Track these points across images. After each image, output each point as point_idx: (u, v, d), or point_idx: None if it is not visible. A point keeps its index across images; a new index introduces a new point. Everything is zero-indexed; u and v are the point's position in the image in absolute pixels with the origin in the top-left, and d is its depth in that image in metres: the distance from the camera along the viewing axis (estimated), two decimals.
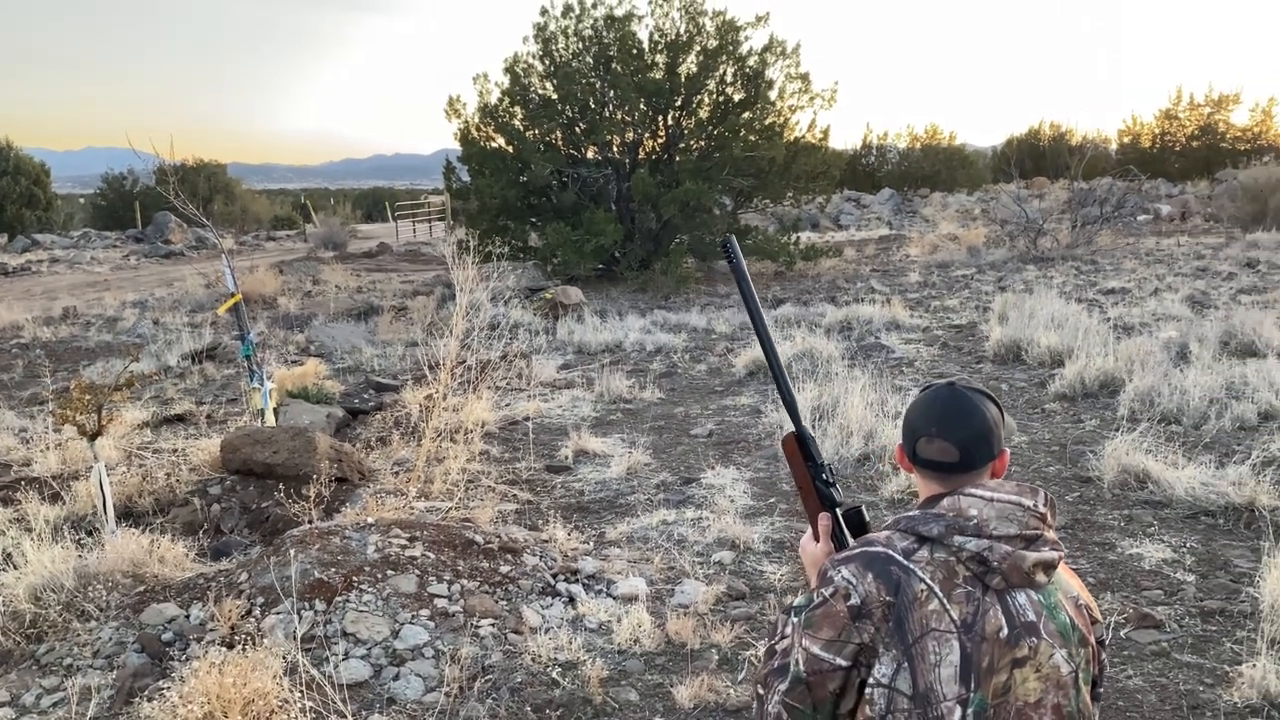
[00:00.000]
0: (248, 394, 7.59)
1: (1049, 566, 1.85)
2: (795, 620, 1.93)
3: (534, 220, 16.52)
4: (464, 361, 7.61)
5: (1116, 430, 6.41)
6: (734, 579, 4.68)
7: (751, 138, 15.99)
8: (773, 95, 16.03)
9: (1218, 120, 37.80)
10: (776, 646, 2.00)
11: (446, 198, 29.53)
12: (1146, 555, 4.75)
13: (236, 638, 3.96)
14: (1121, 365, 7.67)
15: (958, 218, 27.45)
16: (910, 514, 1.92)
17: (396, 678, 3.81)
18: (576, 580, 4.62)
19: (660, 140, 16.64)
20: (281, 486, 5.75)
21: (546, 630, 4.14)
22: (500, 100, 16.50)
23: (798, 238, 16.78)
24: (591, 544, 5.17)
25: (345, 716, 3.45)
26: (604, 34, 16.26)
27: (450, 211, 30.75)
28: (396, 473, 6.32)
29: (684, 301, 13.92)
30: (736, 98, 16.20)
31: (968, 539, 1.80)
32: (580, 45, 16.42)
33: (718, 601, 4.43)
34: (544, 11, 16.56)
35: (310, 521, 5.03)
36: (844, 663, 1.81)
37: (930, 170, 41.21)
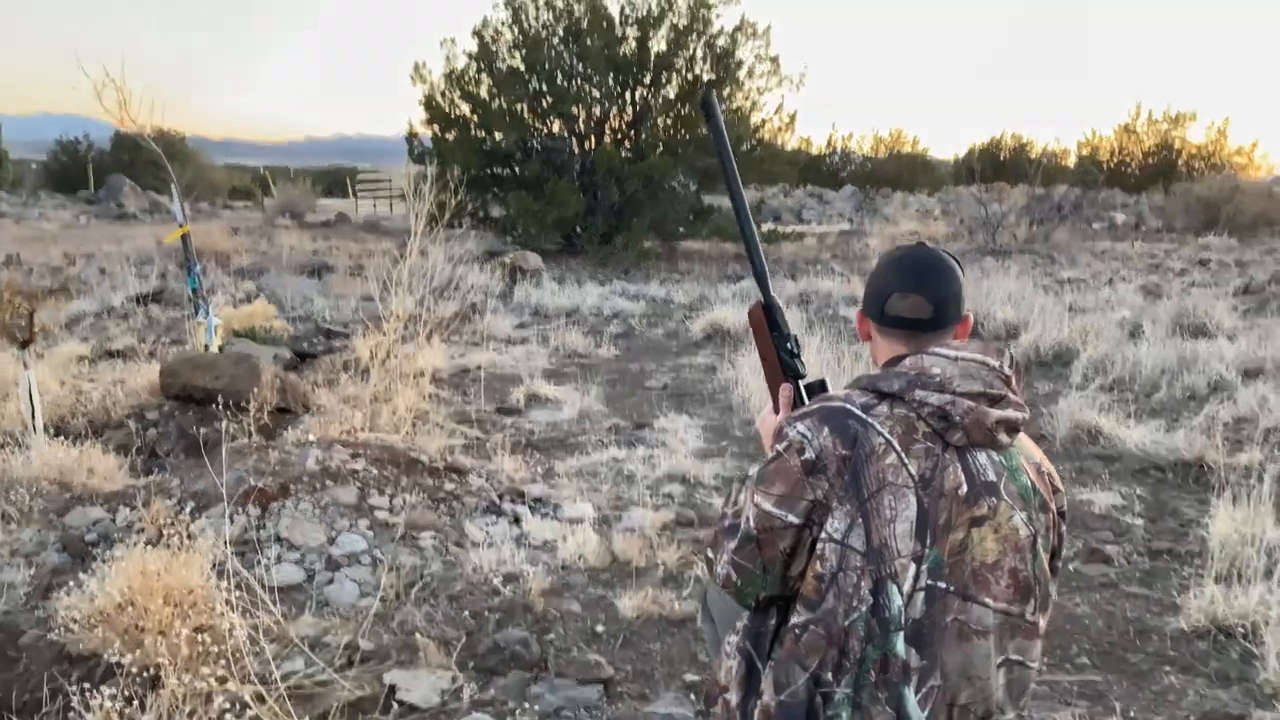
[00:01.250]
0: (193, 328, 7.37)
1: (1012, 426, 1.78)
2: (750, 481, 1.85)
3: (496, 190, 16.32)
4: (418, 315, 7.46)
5: (1069, 395, 6.42)
6: (683, 509, 4.60)
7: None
8: (742, 75, 16.01)
9: (1174, 137, 38.45)
10: (728, 510, 1.91)
11: (408, 172, 29.09)
12: (1096, 501, 4.75)
13: (164, 539, 3.79)
14: (1076, 337, 7.71)
15: (918, 216, 27.62)
16: (870, 373, 1.85)
17: (330, 582, 3.68)
18: (523, 502, 4.50)
19: (628, 117, 16.53)
20: (222, 411, 5.56)
21: (489, 545, 4.02)
22: (467, 66, 16.29)
23: (759, 220, 16.79)
24: (539, 475, 5.06)
25: (274, 614, 3.31)
26: (575, 5, 16.11)
27: (414, 188, 30.26)
28: (342, 409, 6.15)
29: (644, 276, 13.82)
30: (706, 77, 16.14)
31: (929, 393, 1.73)
32: (550, 16, 16.26)
33: (665, 527, 4.34)
34: None
35: (250, 438, 4.87)
36: (796, 520, 1.73)
37: (893, 173, 41.53)
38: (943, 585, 1.70)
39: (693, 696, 3.04)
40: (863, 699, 1.72)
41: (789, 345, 2.09)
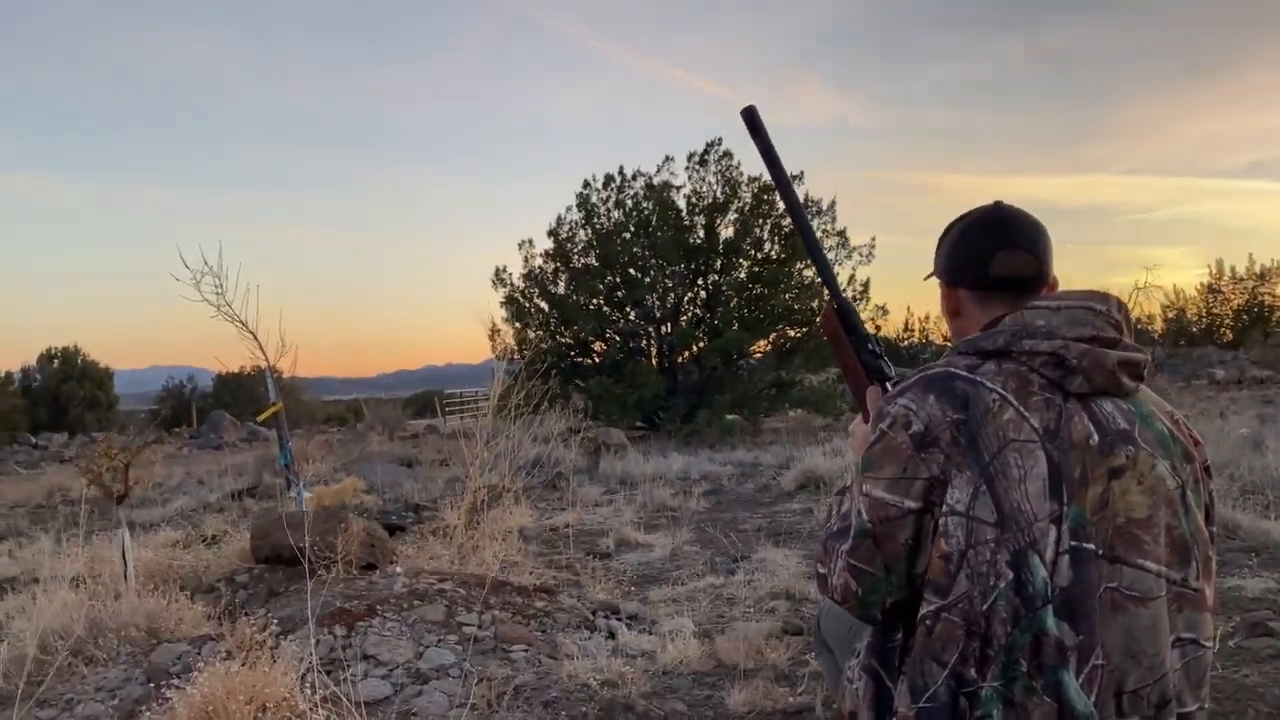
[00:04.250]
0: (284, 501, 7.42)
1: (1134, 367, 1.62)
2: (854, 475, 1.69)
3: (578, 381, 16.56)
4: (505, 487, 7.43)
5: None
6: (791, 619, 4.29)
7: (789, 295, 16.14)
8: None
9: (1263, 293, 37.55)
10: (834, 518, 1.75)
11: (494, 391, 29.75)
12: (1248, 586, 4.31)
13: (248, 656, 3.65)
14: None
15: None
16: (967, 338, 1.72)
17: (419, 694, 3.46)
18: (618, 618, 4.26)
19: (702, 298, 16.86)
20: (311, 565, 5.47)
21: (585, 656, 3.77)
22: (544, 264, 16.96)
23: (844, 389, 16.63)
24: (633, 596, 4.81)
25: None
26: (643, 203, 16.82)
27: (497, 406, 30.86)
28: (430, 556, 6.02)
29: (729, 447, 13.66)
30: (775, 254, 16.49)
31: (1038, 341, 1.59)
32: (621, 214, 16.97)
33: (771, 635, 4.03)
34: (586, 184, 17.25)
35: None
36: (913, 504, 1.55)
37: None
38: (1090, 547, 1.49)
39: None
40: (1015, 692, 1.48)
41: (870, 346, 1.95)
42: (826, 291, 2.02)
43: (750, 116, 1.94)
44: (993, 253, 1.72)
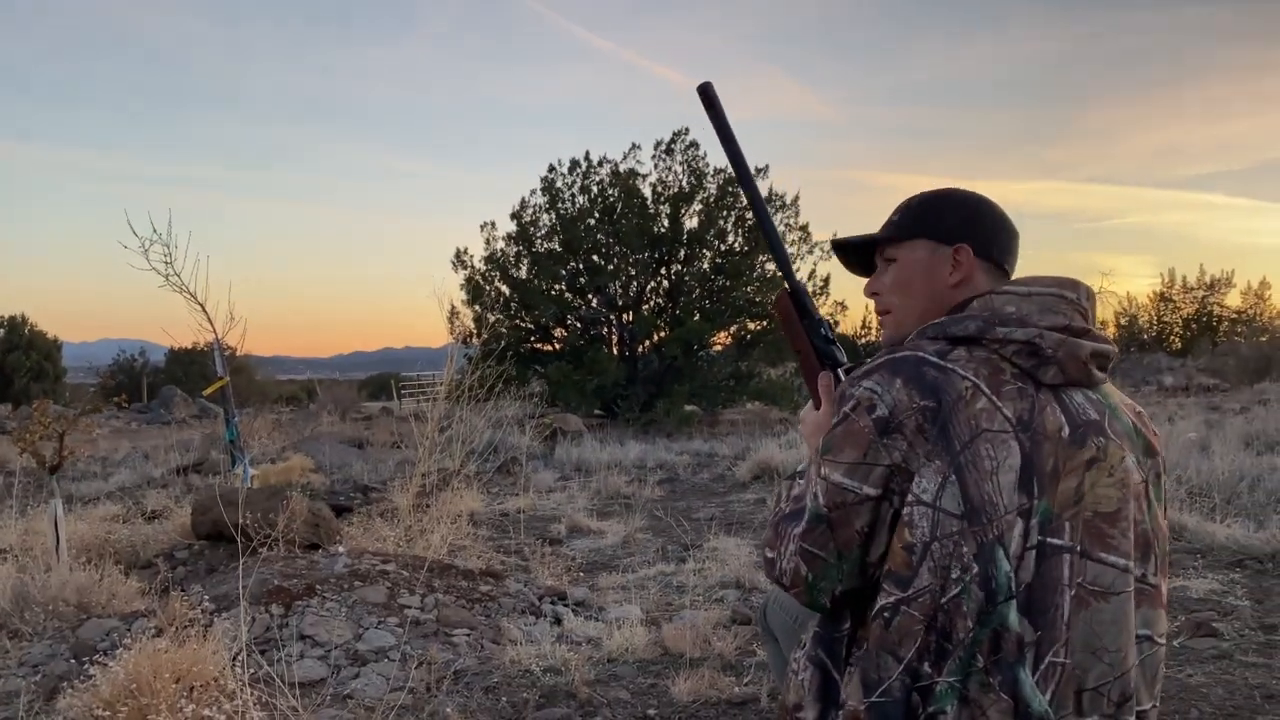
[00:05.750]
0: (229, 478, 7.25)
1: (1104, 359, 1.59)
2: (814, 456, 1.63)
3: (537, 367, 16.44)
4: (457, 470, 7.34)
5: None
6: (740, 608, 4.24)
7: (751, 288, 16.15)
8: None
9: (1212, 303, 38.26)
10: (785, 501, 1.69)
11: (448, 373, 29.40)
12: (1193, 587, 4.33)
13: (179, 633, 3.52)
14: None
15: None
16: (935, 321, 1.66)
17: (356, 676, 3.36)
18: (564, 603, 4.19)
19: (665, 287, 16.81)
20: (252, 539, 5.34)
21: (529, 641, 3.69)
22: (506, 247, 16.80)
23: (801, 382, 16.67)
24: (581, 582, 4.75)
25: (296, 709, 3.00)
26: (609, 189, 16.72)
27: (451, 388, 30.53)
28: (375, 538, 5.90)
29: (686, 436, 13.64)
30: (738, 247, 16.48)
31: (1011, 329, 1.53)
32: (586, 200, 16.85)
33: (719, 624, 3.98)
34: (551, 169, 17.11)
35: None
36: (872, 491, 1.48)
37: None
38: (1056, 541, 1.44)
39: None
40: (970, 689, 1.43)
41: (822, 331, 1.89)
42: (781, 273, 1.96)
43: (706, 93, 1.86)
44: (999, 230, 1.70)
